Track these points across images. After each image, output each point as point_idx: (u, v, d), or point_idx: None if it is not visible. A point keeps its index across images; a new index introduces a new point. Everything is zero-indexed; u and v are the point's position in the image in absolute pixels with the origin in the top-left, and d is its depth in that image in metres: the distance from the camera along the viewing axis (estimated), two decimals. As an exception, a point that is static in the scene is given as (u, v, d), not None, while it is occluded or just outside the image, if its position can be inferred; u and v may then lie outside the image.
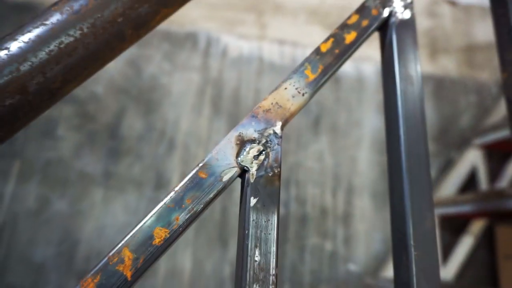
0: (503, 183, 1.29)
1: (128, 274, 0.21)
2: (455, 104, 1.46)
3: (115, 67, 1.28)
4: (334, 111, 1.35)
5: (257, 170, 0.26)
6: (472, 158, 1.32)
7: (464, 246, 1.22)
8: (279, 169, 0.26)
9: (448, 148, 1.39)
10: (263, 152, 0.26)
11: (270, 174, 0.26)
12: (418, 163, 0.34)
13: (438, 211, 1.18)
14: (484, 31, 1.58)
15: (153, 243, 0.22)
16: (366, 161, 1.32)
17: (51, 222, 1.09)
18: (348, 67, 1.41)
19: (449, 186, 1.28)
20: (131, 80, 1.28)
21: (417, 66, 0.35)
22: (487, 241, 1.26)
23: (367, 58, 1.42)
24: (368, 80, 1.41)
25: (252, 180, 0.25)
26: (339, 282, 1.17)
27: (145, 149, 1.21)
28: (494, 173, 1.32)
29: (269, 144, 0.26)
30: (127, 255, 0.21)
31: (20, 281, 1.03)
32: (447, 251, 1.21)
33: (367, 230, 1.24)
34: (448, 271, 1.18)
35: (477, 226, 1.23)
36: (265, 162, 0.26)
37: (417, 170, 0.34)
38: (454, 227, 1.25)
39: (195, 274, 1.11)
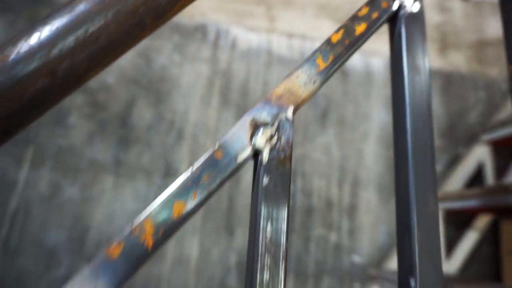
0: (510, 179, 1.29)
1: (149, 244, 0.23)
2: (463, 100, 1.46)
3: (126, 58, 1.30)
4: (341, 105, 1.36)
5: (269, 152, 0.27)
6: (480, 154, 1.33)
7: (469, 241, 1.23)
8: (290, 152, 0.28)
9: (455, 144, 1.39)
10: (276, 135, 0.28)
11: (281, 157, 0.27)
12: (423, 151, 0.36)
13: (444, 206, 1.19)
14: (495, 27, 1.57)
15: (172, 217, 0.24)
16: (372, 155, 1.32)
17: (63, 208, 1.12)
18: (356, 61, 1.42)
19: (456, 181, 1.29)
20: (142, 70, 1.30)
21: (425, 58, 0.36)
22: (492, 237, 1.27)
23: (375, 52, 1.42)
24: (376, 74, 1.42)
25: (264, 162, 0.27)
26: (343, 273, 1.19)
27: (155, 138, 1.23)
28: (501, 169, 1.33)
29: (281, 128, 0.28)
30: (148, 226, 0.23)
31: (33, 264, 1.07)
32: (452, 245, 1.23)
33: (372, 222, 1.26)
34: (452, 265, 1.20)
35: (482, 222, 1.24)
36: (277, 145, 0.28)
37: (423, 159, 0.35)
38: (460, 222, 1.26)
39: (201, 261, 1.14)
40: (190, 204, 0.24)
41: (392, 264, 1.17)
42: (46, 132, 1.19)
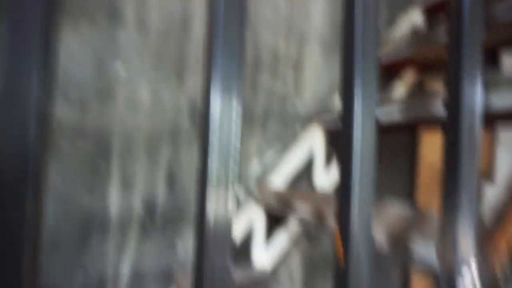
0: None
1: None
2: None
3: None
4: (291, -37, 1.36)
5: None
6: (413, 18, 1.44)
7: (397, 91, 1.39)
8: None
9: (394, 10, 1.49)
10: None
11: None
12: (369, 12, 0.42)
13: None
14: None
15: None
16: (319, 14, 1.38)
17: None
18: None
19: (391, 41, 1.40)
20: None
21: None
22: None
23: None
24: None
25: None
26: (286, 118, 1.30)
27: (96, -18, 1.15)
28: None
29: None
30: None
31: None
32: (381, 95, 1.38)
33: (315, 76, 1.36)
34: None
35: (409, 76, 1.40)
36: None
37: (368, 18, 0.44)
38: (389, 76, 1.41)
39: (153, 105, 1.17)
40: None
41: (331, 111, 1.31)
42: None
